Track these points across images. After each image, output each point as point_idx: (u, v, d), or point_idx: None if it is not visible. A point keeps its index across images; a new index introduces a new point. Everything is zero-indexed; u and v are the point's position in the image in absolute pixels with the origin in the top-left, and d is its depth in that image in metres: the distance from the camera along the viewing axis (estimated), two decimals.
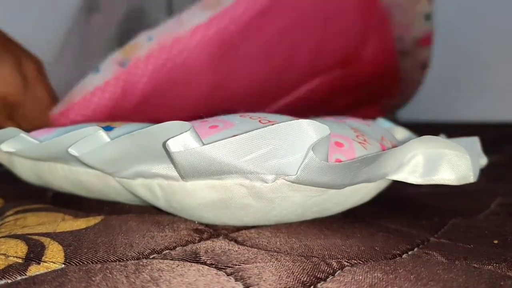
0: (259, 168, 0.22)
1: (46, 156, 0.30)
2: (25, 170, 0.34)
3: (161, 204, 0.28)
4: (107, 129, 0.28)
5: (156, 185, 0.26)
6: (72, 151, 0.25)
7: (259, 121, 0.25)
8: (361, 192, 0.28)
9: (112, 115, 0.48)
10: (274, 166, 0.22)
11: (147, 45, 0.48)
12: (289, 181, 0.23)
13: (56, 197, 0.36)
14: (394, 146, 0.29)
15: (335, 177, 0.23)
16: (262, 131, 0.21)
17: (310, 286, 0.19)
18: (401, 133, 0.38)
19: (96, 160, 0.26)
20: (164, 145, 0.23)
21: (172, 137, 0.21)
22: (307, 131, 0.21)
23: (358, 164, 0.23)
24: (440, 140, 0.25)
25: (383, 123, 0.37)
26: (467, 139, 0.31)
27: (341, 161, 0.24)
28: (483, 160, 0.31)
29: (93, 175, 0.29)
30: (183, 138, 0.21)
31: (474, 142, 0.31)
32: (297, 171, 0.22)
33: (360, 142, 0.26)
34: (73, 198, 0.34)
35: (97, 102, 0.47)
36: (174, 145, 0.22)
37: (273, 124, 0.22)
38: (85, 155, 0.25)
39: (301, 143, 0.21)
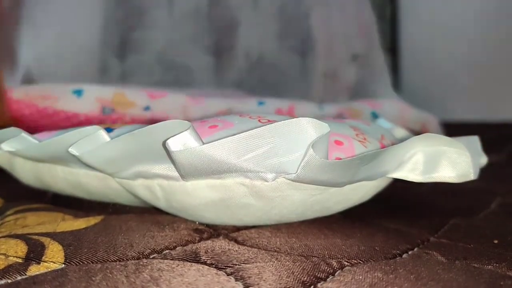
0: (259, 166, 0.22)
1: (46, 156, 0.30)
2: (25, 172, 0.34)
3: (161, 204, 0.27)
4: (107, 130, 0.28)
5: (156, 185, 0.26)
6: (73, 150, 0.25)
7: (259, 120, 0.25)
8: (362, 191, 0.28)
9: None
10: (274, 165, 0.22)
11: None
12: (289, 179, 0.23)
13: (56, 197, 0.36)
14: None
15: (335, 175, 0.23)
16: (262, 130, 0.21)
17: (310, 286, 0.19)
18: (401, 133, 0.38)
19: (96, 160, 0.26)
20: (164, 144, 0.23)
21: (172, 136, 0.21)
22: (307, 129, 0.21)
23: (358, 161, 0.23)
24: (440, 137, 0.25)
25: (383, 123, 0.37)
26: (467, 138, 0.31)
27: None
28: (483, 159, 0.31)
29: (93, 176, 0.29)
30: (182, 137, 0.21)
31: (474, 141, 0.31)
32: (297, 169, 0.22)
33: (360, 141, 0.26)
34: (73, 198, 0.34)
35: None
36: (173, 144, 0.22)
37: (272, 123, 0.22)
38: (85, 155, 0.25)
39: (300, 141, 0.21)
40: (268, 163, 0.22)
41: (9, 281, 0.19)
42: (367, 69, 0.74)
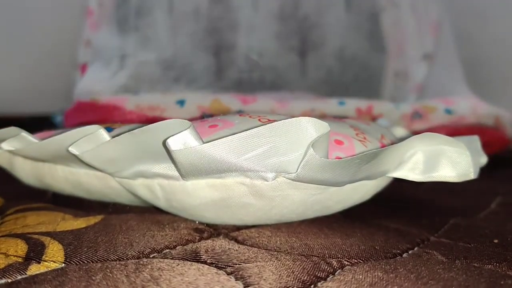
0: (259, 166, 0.22)
1: (46, 155, 0.30)
2: (26, 172, 0.34)
3: (161, 204, 0.27)
4: (107, 130, 0.28)
5: (156, 185, 0.26)
6: (73, 149, 0.25)
7: (259, 119, 0.25)
8: (362, 190, 0.28)
9: None
10: (274, 164, 0.22)
11: None
12: (289, 179, 0.23)
13: (56, 197, 0.36)
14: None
15: (335, 174, 0.23)
16: (262, 129, 0.21)
17: (311, 285, 0.19)
18: (401, 132, 0.38)
19: (96, 159, 0.26)
20: (164, 143, 0.23)
21: (172, 135, 0.21)
22: (307, 128, 0.21)
23: (358, 161, 0.23)
24: (440, 137, 0.25)
25: (383, 123, 0.37)
26: (467, 137, 0.31)
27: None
28: (483, 159, 0.31)
29: (93, 176, 0.29)
30: (183, 136, 0.21)
31: (474, 140, 0.31)
32: (297, 169, 0.22)
33: (360, 140, 0.26)
34: (73, 197, 0.34)
35: None
36: (174, 143, 0.22)
37: (272, 122, 0.22)
38: (85, 154, 0.25)
39: (301, 140, 0.21)
40: (268, 163, 0.22)
41: (9, 280, 0.19)
42: (439, 67, 0.74)
